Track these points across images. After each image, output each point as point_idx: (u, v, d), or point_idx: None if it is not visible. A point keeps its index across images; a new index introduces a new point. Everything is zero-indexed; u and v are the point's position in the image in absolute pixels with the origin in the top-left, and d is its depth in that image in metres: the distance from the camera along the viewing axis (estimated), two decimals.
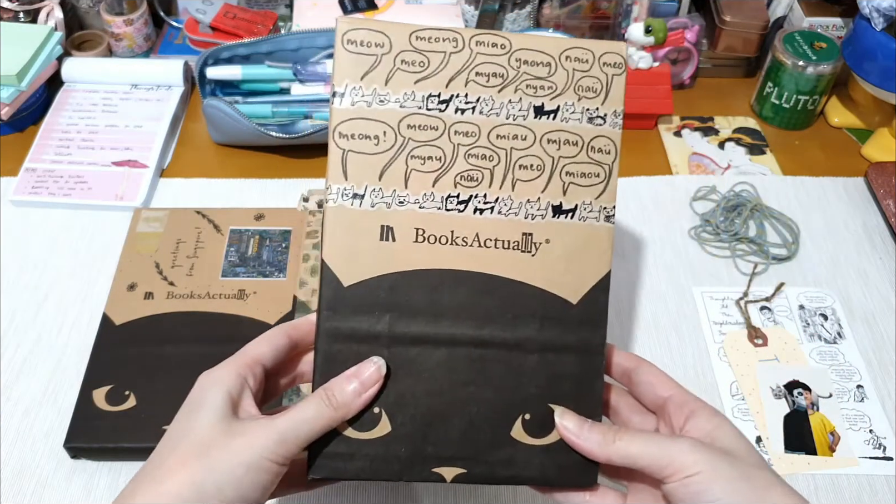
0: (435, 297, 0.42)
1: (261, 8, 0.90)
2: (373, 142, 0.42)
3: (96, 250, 0.69)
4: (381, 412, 0.41)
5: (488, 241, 0.42)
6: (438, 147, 0.42)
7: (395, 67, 0.42)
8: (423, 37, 0.43)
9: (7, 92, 0.76)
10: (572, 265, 0.43)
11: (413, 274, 0.42)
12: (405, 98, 0.42)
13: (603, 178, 0.44)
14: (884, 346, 0.64)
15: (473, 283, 0.42)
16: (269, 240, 0.67)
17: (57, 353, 0.61)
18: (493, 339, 0.42)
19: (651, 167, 0.79)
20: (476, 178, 0.42)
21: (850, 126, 0.85)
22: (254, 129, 0.73)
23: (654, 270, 0.69)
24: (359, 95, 0.42)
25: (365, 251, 0.42)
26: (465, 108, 0.43)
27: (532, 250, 0.42)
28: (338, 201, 0.42)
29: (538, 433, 0.42)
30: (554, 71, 0.43)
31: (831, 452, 0.57)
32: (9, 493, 0.53)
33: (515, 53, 0.43)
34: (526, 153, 0.43)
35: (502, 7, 0.87)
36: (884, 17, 0.74)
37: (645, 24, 0.77)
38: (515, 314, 0.42)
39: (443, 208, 0.42)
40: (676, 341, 0.64)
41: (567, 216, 0.43)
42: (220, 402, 0.38)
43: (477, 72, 0.43)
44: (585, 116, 0.43)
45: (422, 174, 0.42)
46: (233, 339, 0.59)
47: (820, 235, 0.73)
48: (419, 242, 0.42)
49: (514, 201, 0.43)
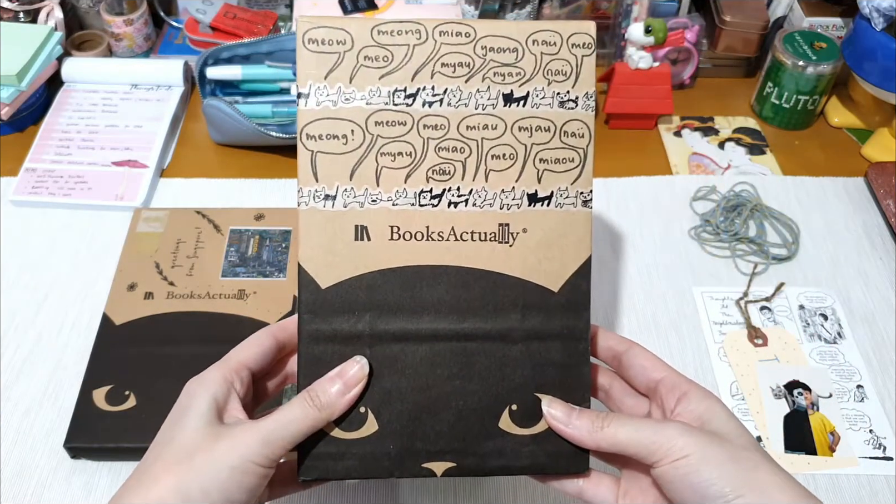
0: (414, 294, 0.42)
1: (261, 8, 0.90)
2: (341, 141, 0.42)
3: (96, 250, 0.69)
4: (367, 411, 0.41)
5: (464, 234, 0.42)
6: (408, 142, 0.42)
7: (359, 64, 0.42)
8: (386, 31, 0.42)
9: (7, 92, 0.76)
10: (551, 253, 0.42)
11: (391, 272, 0.42)
12: (371, 95, 0.42)
13: (578, 163, 0.43)
14: (884, 346, 0.64)
15: (452, 277, 0.42)
16: (269, 240, 0.67)
17: (57, 353, 0.61)
18: (475, 331, 0.42)
19: (651, 167, 0.79)
20: (448, 171, 0.42)
21: (850, 126, 0.85)
22: (254, 129, 0.73)
23: (654, 270, 0.69)
24: (324, 95, 0.42)
25: (340, 252, 0.41)
26: (432, 101, 0.42)
27: (509, 241, 0.42)
28: (310, 203, 0.41)
29: (526, 423, 0.42)
30: (521, 56, 0.43)
31: (831, 452, 0.57)
32: (9, 493, 0.53)
33: (481, 41, 0.42)
34: (497, 143, 0.42)
35: (502, 7, 0.87)
36: (884, 17, 0.74)
37: (645, 24, 0.77)
38: (496, 305, 0.42)
39: (416, 204, 0.42)
40: (676, 341, 0.64)
41: (543, 204, 0.43)
42: (206, 407, 0.38)
43: (442, 63, 0.42)
44: (556, 101, 0.43)
45: (393, 171, 0.42)
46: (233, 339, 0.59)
47: (820, 235, 0.73)
48: (395, 240, 0.42)
49: (489, 192, 0.42)
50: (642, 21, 0.78)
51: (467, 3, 0.87)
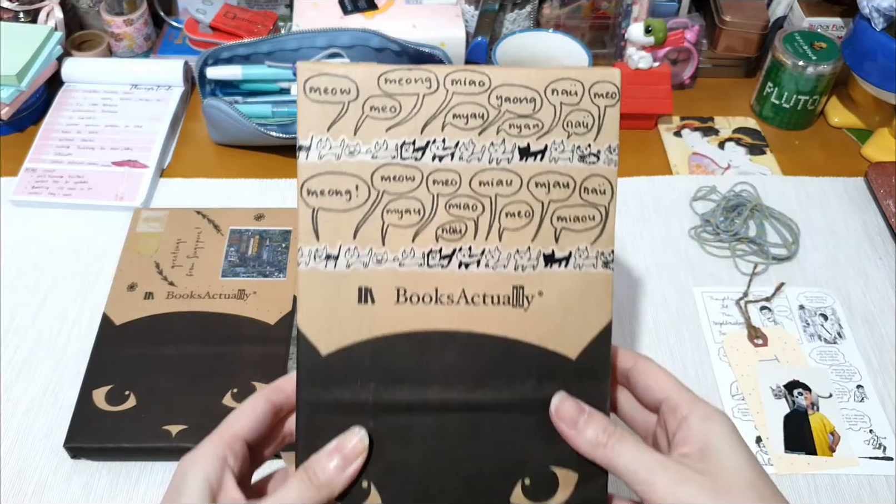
0: (422, 361, 0.39)
1: (261, 8, 0.90)
2: (344, 197, 0.39)
3: (96, 250, 0.69)
4: (371, 485, 0.38)
5: (476, 297, 0.39)
6: (416, 199, 0.39)
7: (365, 115, 0.39)
8: (393, 79, 0.39)
9: (7, 92, 0.76)
10: (569, 318, 0.40)
11: (397, 337, 0.39)
12: (377, 148, 0.39)
13: (599, 221, 0.40)
14: (884, 346, 0.64)
15: (462, 343, 0.39)
16: (269, 240, 0.67)
17: (57, 353, 0.61)
18: (486, 401, 0.39)
19: (651, 167, 0.79)
20: (459, 229, 0.39)
21: (850, 126, 0.85)
22: (254, 129, 0.73)
23: (654, 270, 0.69)
24: (326, 148, 0.39)
25: (343, 316, 0.39)
26: (443, 155, 0.39)
27: (524, 304, 0.39)
28: (310, 264, 0.39)
29: (541, 497, 0.39)
30: (539, 107, 0.40)
31: (831, 452, 0.57)
32: (9, 493, 0.53)
33: (496, 90, 0.40)
34: (512, 199, 0.40)
35: (502, 7, 0.87)
36: (884, 17, 0.74)
37: (645, 24, 0.77)
38: (510, 374, 0.39)
39: (425, 265, 0.39)
40: (676, 341, 0.64)
41: (560, 265, 0.40)
42: (199, 492, 0.36)
43: (454, 114, 0.39)
44: (576, 155, 0.40)
45: (400, 229, 0.39)
46: (233, 339, 0.60)
47: (820, 235, 0.73)
48: (401, 303, 0.39)
49: (502, 252, 0.39)
50: (642, 21, 0.78)
51: (467, 3, 0.87)
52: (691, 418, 0.37)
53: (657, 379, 0.40)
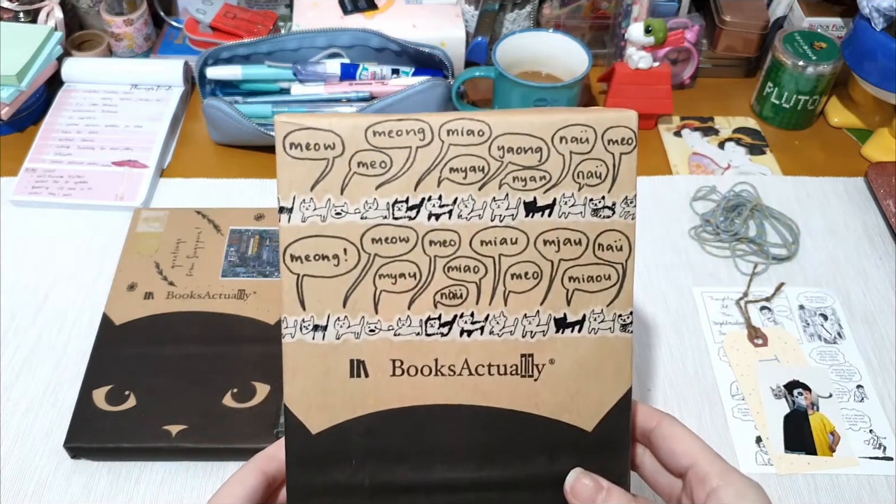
0: (423, 438, 0.36)
1: (261, 8, 0.90)
2: (332, 262, 0.36)
3: (96, 250, 0.69)
4: None
5: (480, 367, 0.36)
6: (411, 262, 0.36)
7: (352, 172, 0.36)
8: (382, 131, 0.36)
9: (7, 92, 0.76)
10: (584, 387, 0.37)
11: (394, 413, 0.36)
12: (366, 207, 0.36)
13: (615, 281, 0.37)
14: (884, 346, 0.64)
15: (467, 418, 0.36)
16: (269, 240, 0.67)
17: (57, 353, 0.61)
18: (495, 480, 0.36)
19: (651, 167, 0.79)
20: (459, 294, 0.36)
21: (850, 126, 0.85)
22: (254, 129, 0.73)
23: (654, 270, 0.69)
24: (310, 209, 0.36)
25: (334, 392, 0.36)
26: (439, 213, 0.36)
27: (534, 374, 0.36)
28: (296, 336, 0.36)
29: None
30: (546, 157, 0.36)
31: (831, 452, 0.57)
32: (9, 493, 0.53)
33: (497, 140, 0.36)
34: (518, 259, 0.36)
35: (502, 7, 0.87)
36: (884, 17, 0.74)
37: (645, 24, 0.77)
38: (520, 450, 0.36)
39: (422, 333, 0.36)
40: (676, 341, 0.64)
41: (573, 330, 0.37)
42: None
43: (451, 167, 0.36)
44: (589, 208, 0.37)
45: (394, 295, 0.36)
46: (233, 340, 0.60)
47: (820, 235, 0.73)
48: (397, 376, 0.36)
49: (508, 318, 0.36)
50: (642, 21, 0.78)
51: (467, 3, 0.87)
52: (723, 494, 0.34)
53: (682, 444, 0.37)
